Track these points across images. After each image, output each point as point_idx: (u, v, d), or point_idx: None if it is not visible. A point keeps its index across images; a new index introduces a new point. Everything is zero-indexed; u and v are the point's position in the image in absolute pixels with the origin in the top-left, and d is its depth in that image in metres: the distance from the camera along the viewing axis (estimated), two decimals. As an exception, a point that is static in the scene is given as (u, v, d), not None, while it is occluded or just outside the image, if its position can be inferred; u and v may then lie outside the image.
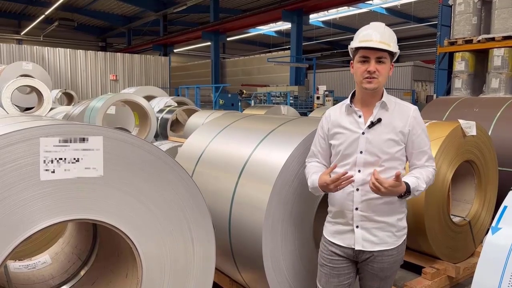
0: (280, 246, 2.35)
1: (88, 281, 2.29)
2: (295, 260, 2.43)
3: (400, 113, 1.97)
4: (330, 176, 1.92)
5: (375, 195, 1.91)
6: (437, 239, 3.25)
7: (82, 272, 2.34)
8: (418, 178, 1.93)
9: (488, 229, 1.40)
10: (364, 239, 1.98)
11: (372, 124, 1.95)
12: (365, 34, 1.94)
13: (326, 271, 2.07)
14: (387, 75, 1.95)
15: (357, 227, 1.98)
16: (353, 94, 2.06)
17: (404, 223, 2.04)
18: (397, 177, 1.80)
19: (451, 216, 3.41)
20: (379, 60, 1.91)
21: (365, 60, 1.92)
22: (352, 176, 1.89)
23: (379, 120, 1.94)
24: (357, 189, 1.96)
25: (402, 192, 1.86)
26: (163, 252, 1.85)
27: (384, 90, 2.01)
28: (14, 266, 2.44)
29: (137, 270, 1.83)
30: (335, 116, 2.06)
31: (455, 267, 3.27)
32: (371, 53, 1.90)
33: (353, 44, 1.96)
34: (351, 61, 2.02)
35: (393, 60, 1.98)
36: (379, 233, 1.97)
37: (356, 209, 1.96)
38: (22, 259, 2.52)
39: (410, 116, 1.97)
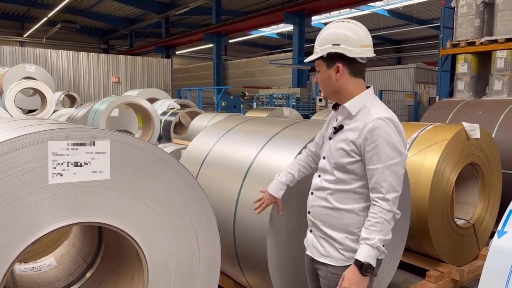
0: (284, 249, 2.36)
1: (93, 283, 2.30)
2: (300, 263, 2.43)
3: (362, 122, 1.75)
4: (268, 203, 2.13)
5: (322, 203, 1.85)
6: (441, 242, 3.25)
7: (88, 275, 2.35)
8: (366, 239, 1.68)
9: (493, 232, 1.41)
10: (313, 246, 1.93)
11: (336, 130, 1.84)
12: None
13: (307, 275, 2.06)
14: (324, 82, 1.84)
15: (310, 231, 1.96)
16: None
17: (355, 245, 1.78)
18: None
19: (455, 219, 3.41)
20: (316, 70, 1.87)
21: None
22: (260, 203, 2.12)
23: (341, 127, 1.82)
24: (312, 193, 1.93)
25: (357, 271, 1.67)
26: (168, 255, 1.86)
27: (363, 93, 1.81)
28: (20, 268, 2.46)
29: (143, 273, 1.83)
30: (329, 116, 2.02)
31: (459, 270, 3.27)
32: None
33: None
34: None
35: (368, 57, 1.78)
36: (325, 244, 1.87)
37: (309, 212, 1.94)
38: (28, 262, 2.53)
39: (367, 126, 1.71)
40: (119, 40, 32.46)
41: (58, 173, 1.57)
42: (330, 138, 1.88)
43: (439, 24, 9.35)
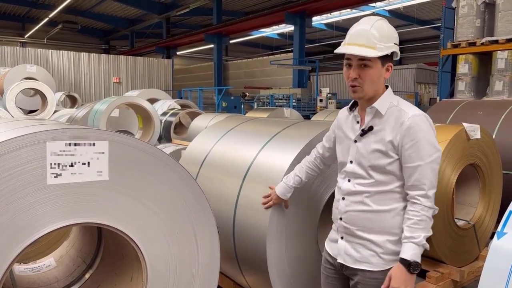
0: (284, 250, 2.35)
1: (93, 284, 2.30)
2: (300, 264, 2.43)
3: (395, 121, 1.72)
4: (275, 202, 2.22)
5: (359, 207, 1.78)
6: (442, 243, 3.24)
7: (87, 275, 2.35)
8: (411, 238, 1.67)
9: (493, 233, 1.40)
10: (346, 253, 1.84)
11: (363, 132, 1.78)
12: (350, 34, 1.74)
13: (322, 279, 2.01)
14: (374, 81, 1.73)
15: (341, 238, 1.87)
16: None
17: (395, 247, 1.76)
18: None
19: (455, 220, 3.40)
20: (362, 64, 1.70)
21: (349, 63, 1.74)
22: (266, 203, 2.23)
23: (370, 128, 1.76)
24: (343, 198, 1.85)
25: (406, 270, 1.66)
26: (168, 255, 1.86)
27: (386, 92, 1.79)
28: (19, 269, 2.45)
29: (142, 273, 1.83)
30: (342, 117, 1.95)
31: (460, 270, 3.26)
32: (353, 56, 1.71)
33: (338, 49, 1.77)
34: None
35: (394, 59, 1.77)
36: (362, 250, 1.80)
37: (341, 219, 1.85)
38: (27, 262, 2.53)
39: (404, 124, 1.69)
40: (120, 41, 32.49)
41: (57, 174, 1.56)
42: (355, 141, 1.81)
43: (439, 24, 9.34)
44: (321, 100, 15.83)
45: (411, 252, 1.67)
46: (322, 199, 2.46)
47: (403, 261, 1.68)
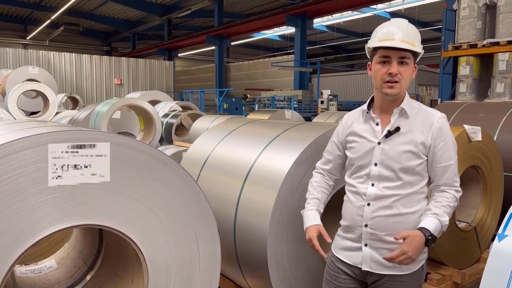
0: (285, 252, 2.35)
1: (94, 285, 2.30)
2: (301, 266, 2.43)
3: (422, 122, 1.74)
4: (315, 235, 1.87)
5: (388, 212, 1.74)
6: (443, 245, 3.23)
7: (88, 277, 2.35)
8: (437, 215, 1.70)
9: (494, 235, 1.40)
10: (372, 260, 1.79)
11: (389, 134, 1.75)
12: (386, 32, 1.72)
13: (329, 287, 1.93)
14: (410, 78, 1.74)
15: (365, 245, 1.80)
16: (372, 99, 1.86)
17: None
18: (400, 239, 1.67)
19: (457, 222, 3.40)
20: (401, 61, 1.70)
21: (385, 60, 1.71)
22: (324, 256, 1.91)
23: (397, 129, 1.74)
24: (368, 204, 1.77)
25: (423, 240, 1.66)
26: (168, 257, 1.86)
27: (407, 95, 1.80)
28: (20, 270, 2.46)
29: (143, 275, 1.83)
30: (352, 122, 1.90)
31: (461, 273, 3.26)
32: (393, 53, 1.69)
33: (372, 44, 1.74)
34: (369, 63, 1.81)
35: (417, 61, 1.78)
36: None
37: (366, 226, 1.78)
38: (28, 264, 2.54)
39: (434, 125, 1.73)
40: (122, 42, 32.57)
41: (58, 176, 1.57)
42: (379, 143, 1.77)
43: (441, 26, 9.33)
44: (322, 102, 15.87)
45: (434, 225, 1.69)
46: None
47: (424, 230, 1.68)
